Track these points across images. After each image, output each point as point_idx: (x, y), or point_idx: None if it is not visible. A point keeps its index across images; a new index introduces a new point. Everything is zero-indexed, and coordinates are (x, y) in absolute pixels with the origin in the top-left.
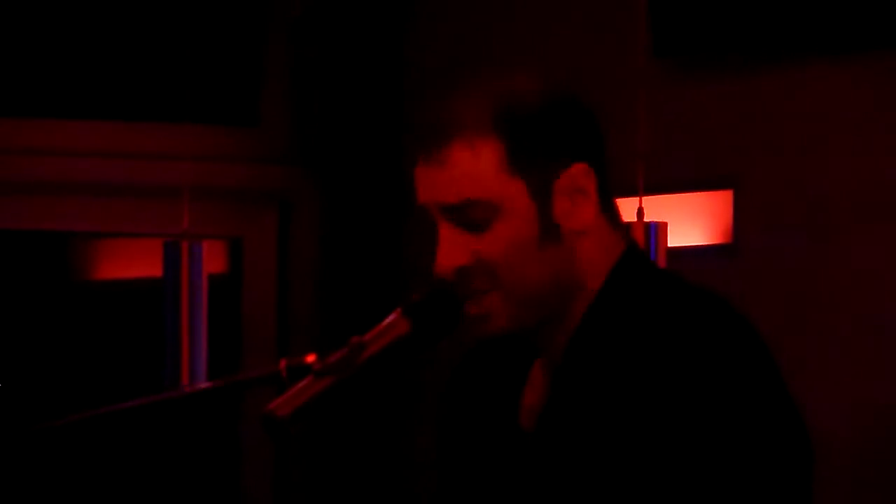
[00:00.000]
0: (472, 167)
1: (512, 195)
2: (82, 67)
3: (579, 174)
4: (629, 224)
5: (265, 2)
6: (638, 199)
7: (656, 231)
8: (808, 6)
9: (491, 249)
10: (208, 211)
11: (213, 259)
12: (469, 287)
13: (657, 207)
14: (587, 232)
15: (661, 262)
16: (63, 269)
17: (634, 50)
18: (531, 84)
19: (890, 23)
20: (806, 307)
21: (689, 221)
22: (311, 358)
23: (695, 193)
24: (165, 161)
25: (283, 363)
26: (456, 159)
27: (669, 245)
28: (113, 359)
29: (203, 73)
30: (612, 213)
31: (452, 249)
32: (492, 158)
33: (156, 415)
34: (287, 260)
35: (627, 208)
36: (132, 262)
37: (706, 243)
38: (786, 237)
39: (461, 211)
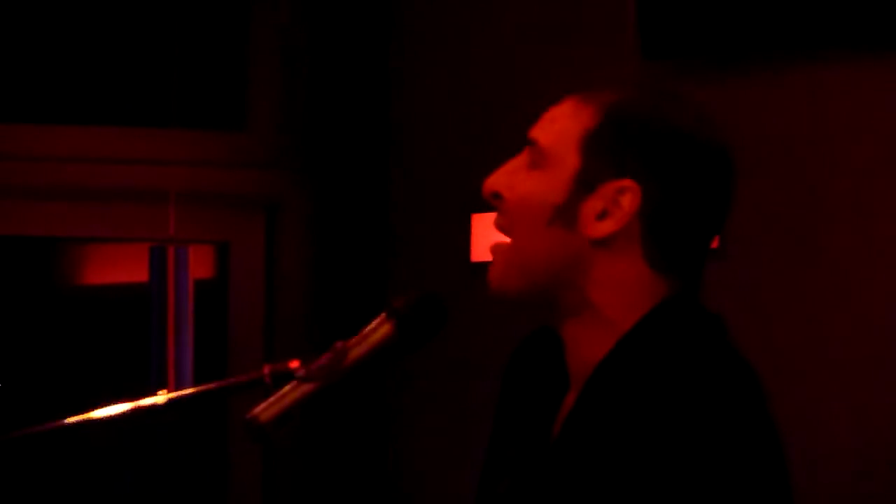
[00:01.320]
0: (562, 123)
1: (561, 162)
2: (68, 73)
3: (626, 189)
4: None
5: (251, 6)
6: None
7: None
8: (797, 9)
9: (519, 192)
10: (195, 215)
11: (200, 264)
12: (497, 217)
13: None
14: (607, 249)
15: None
16: (49, 274)
17: (623, 52)
18: (672, 107)
19: (880, 25)
20: (794, 311)
21: None
22: (295, 363)
23: None
24: (152, 165)
25: (266, 368)
26: (563, 108)
27: None
28: (99, 364)
29: (189, 77)
30: (667, 264)
31: (503, 173)
32: (579, 126)
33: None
34: (274, 265)
35: None
36: (118, 267)
37: None
38: (774, 241)
39: (530, 147)
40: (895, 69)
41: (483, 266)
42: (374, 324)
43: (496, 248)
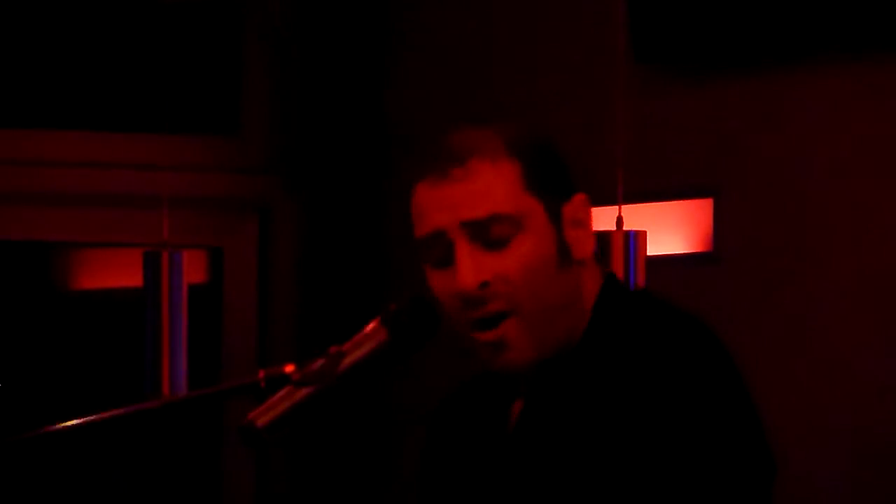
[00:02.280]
0: (496, 181)
1: (533, 213)
2: (61, 78)
3: (580, 204)
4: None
5: (244, 12)
6: (617, 207)
7: (636, 240)
8: (788, 15)
9: (512, 267)
10: (188, 220)
11: (194, 269)
12: (486, 309)
13: (637, 216)
14: (585, 263)
15: (641, 270)
16: (44, 279)
17: (614, 57)
18: (524, 127)
19: (869, 30)
20: (785, 315)
21: (669, 230)
22: (289, 368)
23: (675, 202)
24: (146, 171)
25: (261, 373)
26: (480, 173)
27: (649, 254)
28: (93, 369)
29: (183, 83)
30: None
31: (475, 265)
32: (511, 176)
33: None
34: (267, 269)
35: (607, 217)
36: (112, 272)
37: (686, 251)
38: (766, 245)
39: (485, 227)
40: (886, 73)
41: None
42: (368, 328)
43: (503, 329)
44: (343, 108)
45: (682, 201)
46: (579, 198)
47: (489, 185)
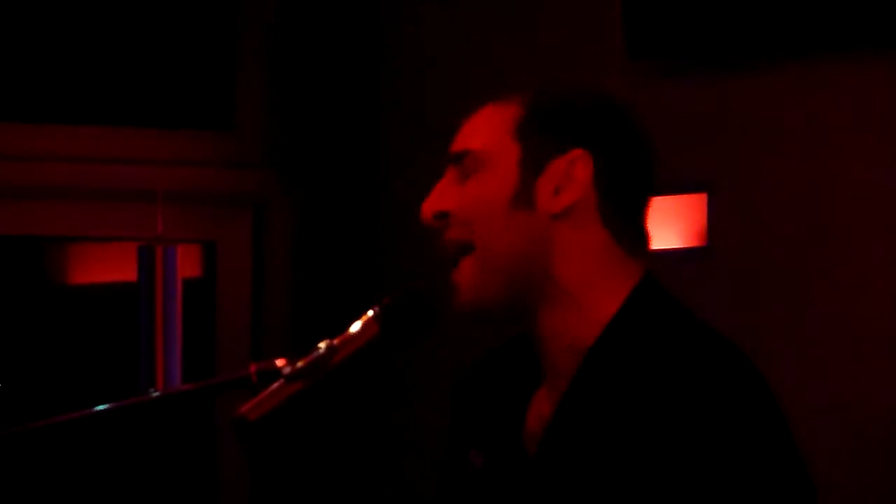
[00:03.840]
0: (487, 121)
1: (501, 155)
2: (55, 72)
3: (575, 160)
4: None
5: (238, 6)
6: None
7: None
8: (783, 9)
9: (465, 199)
10: (183, 215)
11: (188, 263)
12: (444, 236)
13: None
14: (566, 221)
15: None
16: (37, 273)
17: (609, 52)
18: (579, 87)
19: (866, 24)
20: (780, 310)
21: (663, 224)
22: (281, 362)
23: (669, 197)
24: (140, 165)
25: (253, 367)
26: (481, 114)
27: None
28: (87, 363)
29: (176, 77)
30: (626, 234)
31: (437, 195)
32: (506, 119)
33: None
34: (261, 264)
35: None
36: (106, 267)
37: (681, 246)
38: (760, 240)
39: (458, 160)
40: (882, 67)
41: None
42: (360, 323)
43: (459, 268)
44: (338, 102)
45: (675, 196)
46: (576, 154)
47: (479, 124)
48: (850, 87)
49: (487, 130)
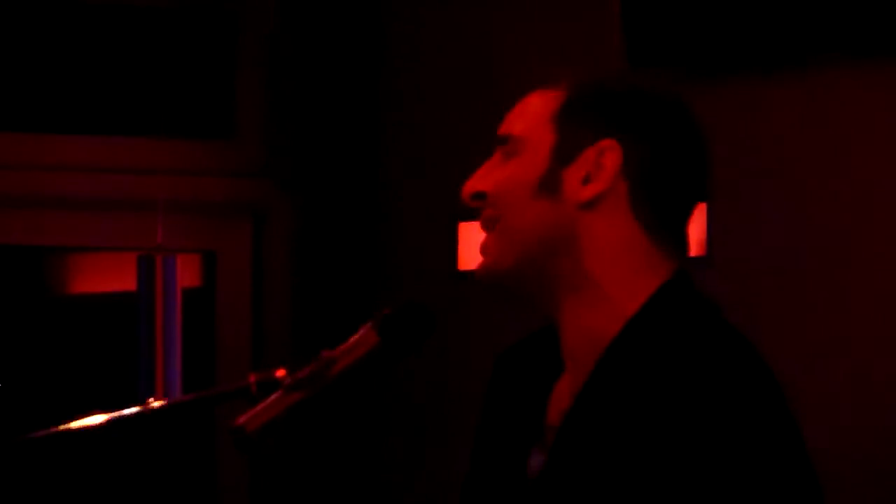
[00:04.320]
0: (530, 109)
1: (538, 141)
2: (55, 82)
3: (606, 149)
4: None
5: (238, 16)
6: None
7: None
8: (781, 19)
9: (499, 179)
10: (182, 224)
11: (187, 273)
12: (481, 214)
13: None
14: (595, 212)
15: None
16: (37, 283)
17: (608, 61)
18: (638, 81)
19: (866, 34)
20: (780, 320)
21: None
22: (280, 372)
23: None
24: (139, 175)
25: (252, 378)
26: (527, 100)
27: None
28: (87, 373)
29: (177, 86)
30: (662, 229)
31: (478, 176)
32: (548, 106)
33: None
34: (261, 273)
35: None
36: (106, 276)
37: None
38: (760, 250)
39: (502, 142)
40: (883, 76)
41: (470, 274)
42: (359, 333)
43: (485, 240)
44: (338, 111)
45: None
46: (605, 143)
47: (523, 110)
48: (850, 97)
49: (529, 116)
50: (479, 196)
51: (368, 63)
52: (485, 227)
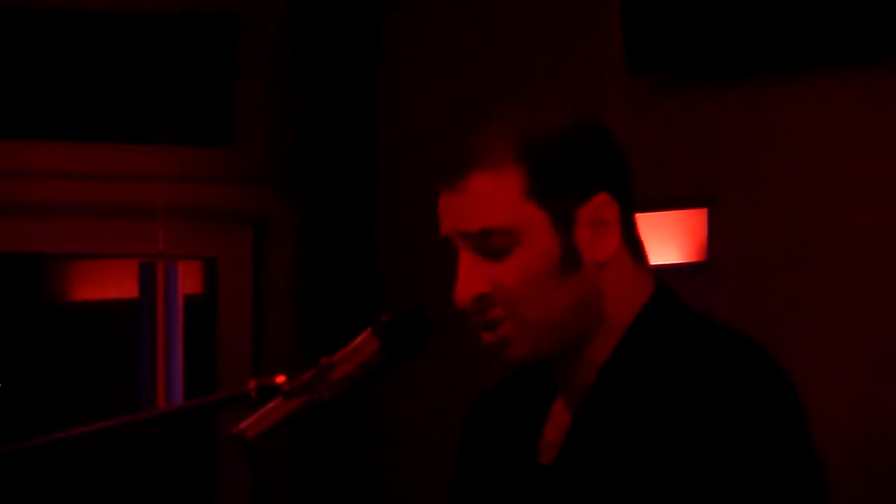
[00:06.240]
0: (493, 195)
1: (533, 224)
2: (56, 89)
3: (602, 205)
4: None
5: (237, 22)
6: None
7: None
8: (781, 24)
9: (510, 278)
10: (183, 231)
11: (189, 279)
12: (485, 316)
13: None
14: (609, 263)
15: None
16: (38, 290)
17: (609, 68)
18: (555, 115)
19: (863, 38)
20: (781, 325)
21: (663, 239)
22: (280, 378)
23: (669, 212)
24: (140, 182)
25: (252, 384)
26: (477, 187)
27: None
28: (88, 380)
29: (177, 93)
30: (637, 249)
31: (471, 277)
32: (513, 186)
33: (131, 435)
34: (262, 280)
35: None
36: (107, 284)
37: (681, 261)
38: (761, 255)
39: (481, 239)
40: (881, 80)
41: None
42: (360, 339)
43: (506, 330)
44: (338, 118)
45: (676, 211)
46: (600, 198)
47: (485, 198)
48: (849, 101)
49: (500, 203)
50: (482, 298)
51: (368, 69)
52: (490, 326)
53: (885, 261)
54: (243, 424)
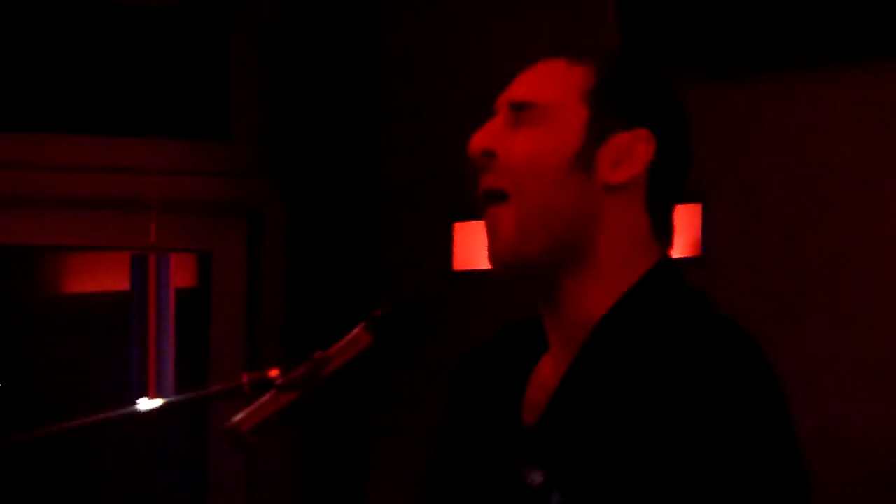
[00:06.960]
0: (556, 79)
1: (568, 114)
2: (50, 82)
3: (640, 138)
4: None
5: (233, 15)
6: None
7: None
8: (779, 19)
9: (521, 145)
10: (177, 224)
11: (183, 272)
12: (490, 181)
13: None
14: (618, 196)
15: None
16: (30, 283)
17: None
18: (652, 71)
19: (863, 34)
20: (774, 320)
21: None
22: (274, 372)
23: None
24: (134, 174)
25: (245, 378)
26: (551, 66)
27: None
28: (80, 372)
29: (171, 86)
30: (661, 227)
31: (489, 132)
32: (578, 81)
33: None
34: (256, 273)
35: None
36: (100, 276)
37: (675, 256)
38: (754, 250)
39: (520, 109)
40: (880, 77)
41: (465, 275)
42: (353, 333)
43: (497, 214)
44: (333, 110)
45: None
46: (640, 132)
47: (546, 77)
48: (847, 97)
49: (556, 86)
50: (489, 155)
51: (364, 62)
52: (487, 195)
53: (879, 257)
54: (237, 418)
